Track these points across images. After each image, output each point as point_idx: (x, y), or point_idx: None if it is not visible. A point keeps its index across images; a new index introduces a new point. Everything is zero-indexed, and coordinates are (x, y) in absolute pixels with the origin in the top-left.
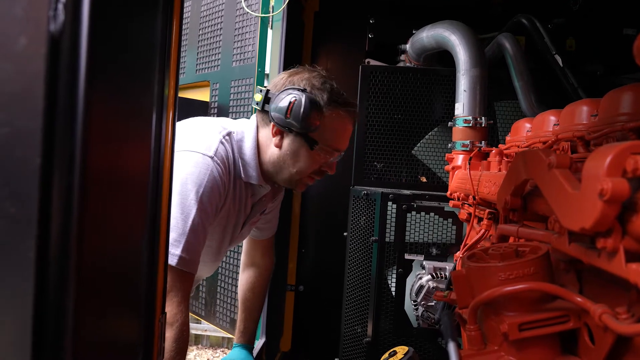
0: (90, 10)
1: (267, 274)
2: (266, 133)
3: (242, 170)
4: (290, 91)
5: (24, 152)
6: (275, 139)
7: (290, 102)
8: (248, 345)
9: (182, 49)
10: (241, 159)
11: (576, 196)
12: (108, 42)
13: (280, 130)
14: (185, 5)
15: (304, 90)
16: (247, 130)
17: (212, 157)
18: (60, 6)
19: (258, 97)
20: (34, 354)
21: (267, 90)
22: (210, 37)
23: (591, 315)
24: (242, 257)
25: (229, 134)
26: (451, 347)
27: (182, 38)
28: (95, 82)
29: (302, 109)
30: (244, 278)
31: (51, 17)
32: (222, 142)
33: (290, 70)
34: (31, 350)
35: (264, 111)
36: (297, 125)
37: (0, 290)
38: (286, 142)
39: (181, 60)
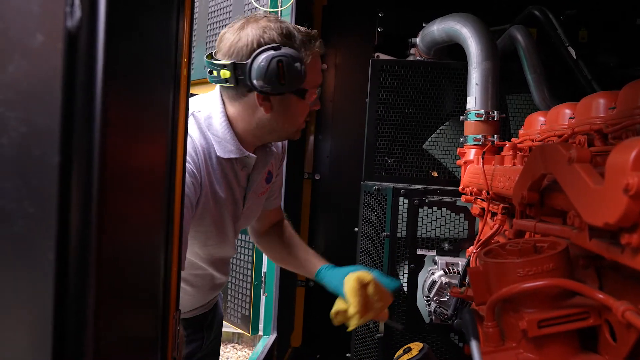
0: (107, 6)
1: (287, 224)
2: (239, 107)
3: (217, 147)
4: (265, 54)
5: (42, 151)
6: (263, 106)
7: (278, 67)
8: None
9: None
10: (213, 135)
11: (599, 191)
12: (124, 37)
13: (266, 96)
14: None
15: (278, 47)
16: (213, 107)
17: None
18: (77, 2)
19: (226, 73)
20: (54, 351)
21: (234, 64)
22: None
23: (614, 312)
24: (254, 229)
25: (192, 113)
26: (474, 346)
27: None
28: (112, 78)
29: (294, 69)
30: (273, 239)
31: (68, 13)
32: None
33: (230, 28)
34: (52, 349)
35: (233, 86)
36: (294, 85)
37: (21, 290)
38: (275, 103)
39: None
